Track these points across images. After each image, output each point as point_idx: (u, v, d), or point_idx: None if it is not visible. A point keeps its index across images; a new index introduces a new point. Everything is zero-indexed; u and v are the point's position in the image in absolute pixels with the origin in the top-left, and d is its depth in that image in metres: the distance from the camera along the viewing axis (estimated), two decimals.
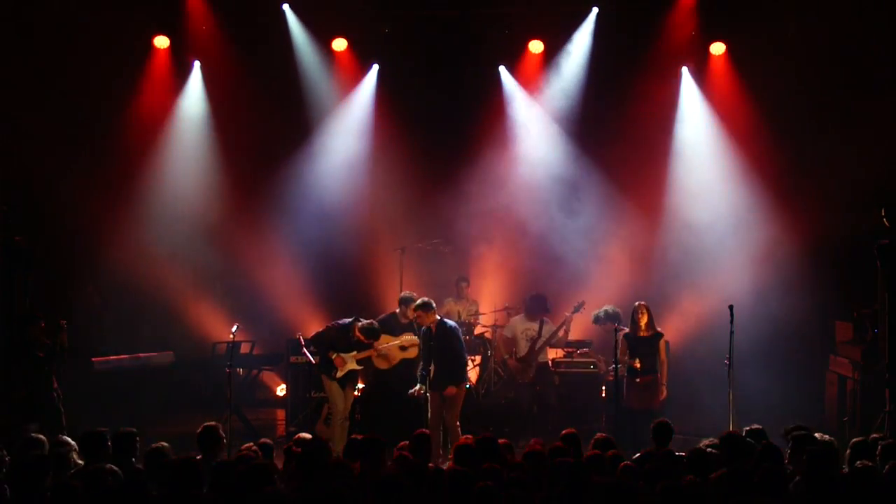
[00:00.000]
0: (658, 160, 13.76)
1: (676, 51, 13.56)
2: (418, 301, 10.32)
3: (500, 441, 7.09)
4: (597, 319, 11.35)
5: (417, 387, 10.21)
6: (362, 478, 6.27)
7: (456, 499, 5.68)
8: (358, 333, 10.48)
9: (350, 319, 10.66)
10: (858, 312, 11.65)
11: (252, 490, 5.83)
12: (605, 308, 11.35)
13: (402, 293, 11.37)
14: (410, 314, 10.74)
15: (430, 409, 10.13)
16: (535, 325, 11.74)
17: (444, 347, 10.23)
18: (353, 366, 10.56)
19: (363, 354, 10.63)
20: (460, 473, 5.88)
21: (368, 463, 6.51)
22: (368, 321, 10.63)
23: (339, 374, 10.49)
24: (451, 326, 10.42)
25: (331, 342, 10.56)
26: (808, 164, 12.87)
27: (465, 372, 10.64)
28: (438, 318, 10.30)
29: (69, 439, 7.27)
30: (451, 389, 10.17)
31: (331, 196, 14.12)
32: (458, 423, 10.20)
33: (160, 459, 6.57)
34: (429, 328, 10.26)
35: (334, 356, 10.48)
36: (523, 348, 11.75)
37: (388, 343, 10.98)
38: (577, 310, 11.77)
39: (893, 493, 6.01)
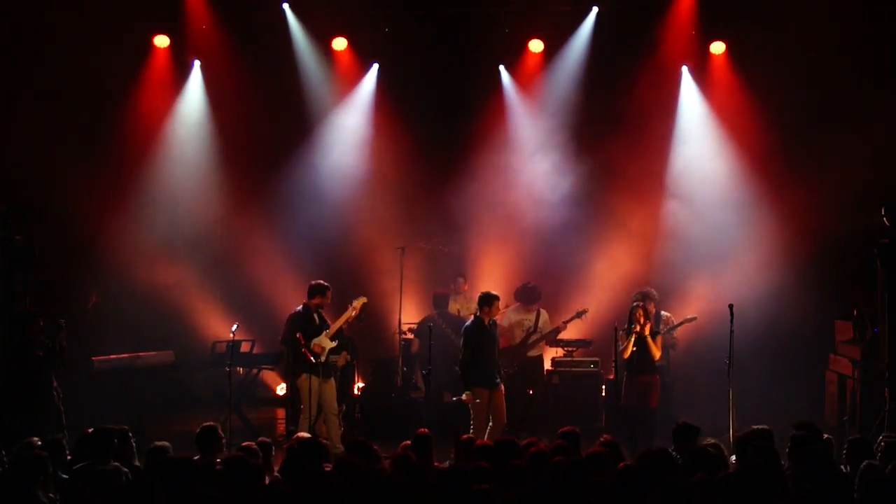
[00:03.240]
0: (658, 159, 13.74)
1: (676, 50, 13.55)
2: (487, 293, 10.21)
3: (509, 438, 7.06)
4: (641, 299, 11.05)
5: (464, 395, 10.02)
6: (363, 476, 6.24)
7: (455, 499, 5.66)
8: (310, 300, 10.57)
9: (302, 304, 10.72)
10: (858, 311, 11.65)
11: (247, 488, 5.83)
12: (645, 290, 11.26)
13: (485, 291, 10.46)
14: (497, 314, 10.45)
15: (476, 408, 9.94)
16: (531, 316, 11.72)
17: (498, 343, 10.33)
18: (329, 343, 10.54)
19: (336, 325, 10.61)
20: (459, 473, 5.86)
21: (368, 462, 6.50)
22: (314, 282, 10.72)
23: (323, 357, 10.46)
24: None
25: (297, 330, 10.47)
26: (809, 164, 12.85)
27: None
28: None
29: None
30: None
31: (331, 195, 14.12)
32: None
33: (160, 458, 6.56)
34: (483, 322, 10.13)
35: (312, 344, 10.43)
36: (517, 337, 11.74)
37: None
38: (578, 315, 11.77)
39: (894, 492, 6.00)
